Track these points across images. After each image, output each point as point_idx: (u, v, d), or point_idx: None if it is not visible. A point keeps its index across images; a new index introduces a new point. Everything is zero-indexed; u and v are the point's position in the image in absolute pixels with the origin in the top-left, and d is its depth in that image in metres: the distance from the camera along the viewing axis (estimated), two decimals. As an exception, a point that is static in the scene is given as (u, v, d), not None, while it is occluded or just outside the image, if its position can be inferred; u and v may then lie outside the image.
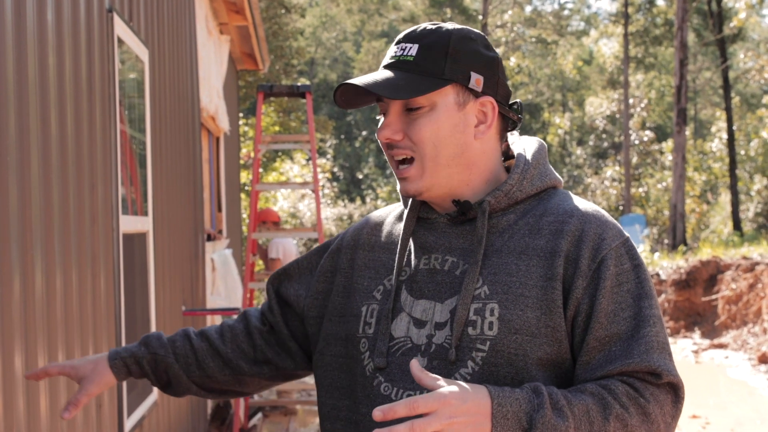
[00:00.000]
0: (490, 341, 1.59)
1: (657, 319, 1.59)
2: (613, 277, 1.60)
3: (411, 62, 1.67)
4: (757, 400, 9.32)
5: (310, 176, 23.26)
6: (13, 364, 2.48)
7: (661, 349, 1.57)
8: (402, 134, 1.68)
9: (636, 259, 1.64)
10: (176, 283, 5.65)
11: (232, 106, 10.96)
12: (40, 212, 2.76)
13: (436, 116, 1.66)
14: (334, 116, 41.48)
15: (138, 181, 4.33)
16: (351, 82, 1.67)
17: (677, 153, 22.37)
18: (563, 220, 1.65)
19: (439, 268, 1.69)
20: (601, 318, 1.58)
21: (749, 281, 12.78)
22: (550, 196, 1.73)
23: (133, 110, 4.31)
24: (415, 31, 1.71)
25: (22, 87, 2.62)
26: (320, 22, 46.61)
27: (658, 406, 1.55)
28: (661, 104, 41.12)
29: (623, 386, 1.54)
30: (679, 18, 22.55)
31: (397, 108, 1.68)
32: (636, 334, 1.57)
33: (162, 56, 5.34)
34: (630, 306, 1.59)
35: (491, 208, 1.68)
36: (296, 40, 24.24)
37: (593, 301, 1.58)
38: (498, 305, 1.60)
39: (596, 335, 1.58)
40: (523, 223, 1.68)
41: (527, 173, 1.71)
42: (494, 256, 1.65)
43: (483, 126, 1.72)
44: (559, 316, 1.59)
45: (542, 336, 1.58)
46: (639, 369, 1.55)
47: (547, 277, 1.60)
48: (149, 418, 4.54)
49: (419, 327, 1.66)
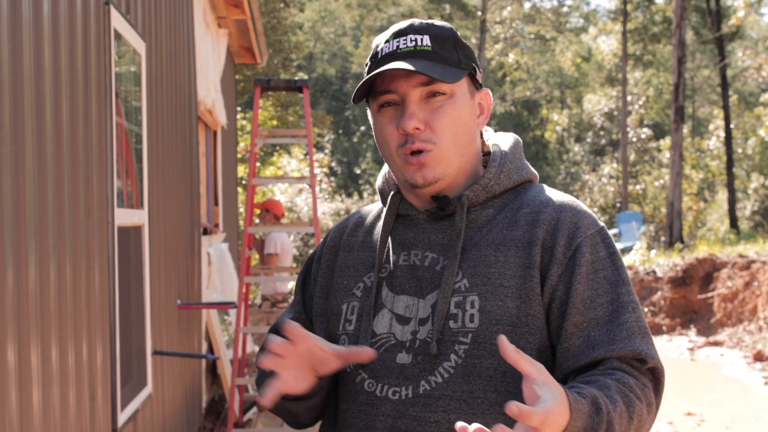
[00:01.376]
0: (471, 333, 1.58)
1: (635, 305, 1.60)
2: (589, 264, 1.61)
3: (431, 51, 1.65)
4: (751, 397, 9.33)
5: (307, 171, 23.25)
6: (5, 357, 2.47)
7: (642, 334, 1.58)
8: (424, 124, 1.64)
9: (611, 247, 1.65)
10: (171, 276, 5.64)
11: (230, 100, 10.95)
12: (35, 204, 2.75)
13: (457, 104, 1.66)
14: (332, 111, 41.46)
15: (134, 174, 4.32)
16: (397, 67, 1.61)
17: (675, 150, 22.36)
18: (539, 210, 1.66)
19: (419, 264, 1.68)
20: (578, 304, 1.58)
21: (745, 279, 12.78)
22: (526, 190, 1.73)
23: (130, 103, 4.29)
24: (414, 25, 1.70)
25: (18, 78, 2.61)
26: (319, 17, 46.56)
27: (652, 394, 1.57)
28: (659, 102, 41.12)
29: (633, 380, 1.54)
30: (677, 16, 22.53)
31: (417, 97, 1.65)
32: (616, 320, 1.57)
33: (159, 49, 5.32)
34: (607, 292, 1.60)
35: (470, 203, 1.68)
36: (295, 35, 24.21)
37: (569, 288, 1.59)
38: (478, 297, 1.60)
39: (573, 321, 1.58)
40: (501, 217, 1.68)
41: (504, 167, 1.72)
42: (473, 249, 1.65)
43: (482, 117, 1.74)
44: (538, 303, 1.59)
45: (523, 325, 1.58)
46: (623, 355, 1.55)
47: (525, 266, 1.61)
48: (143, 411, 4.53)
49: (403, 323, 1.65)
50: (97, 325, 3.53)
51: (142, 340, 4.50)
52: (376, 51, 1.72)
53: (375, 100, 1.69)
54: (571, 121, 43.99)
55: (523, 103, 44.40)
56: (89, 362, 3.39)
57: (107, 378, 3.68)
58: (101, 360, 3.57)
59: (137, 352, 4.40)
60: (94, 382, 3.46)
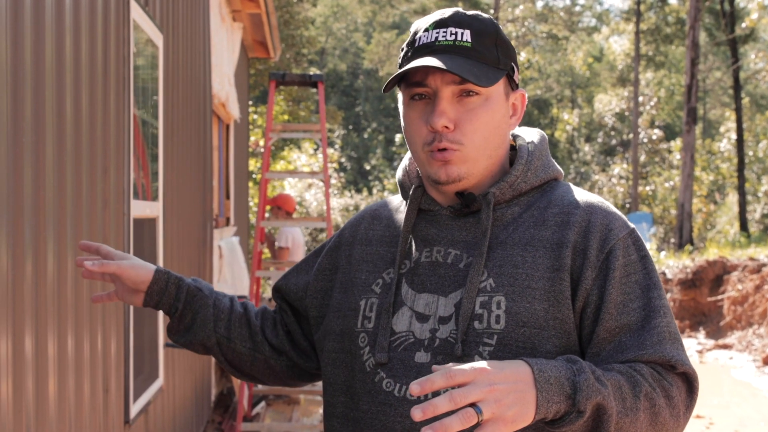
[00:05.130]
0: (497, 335, 1.54)
1: (666, 309, 1.57)
2: (622, 267, 1.57)
3: (470, 48, 1.60)
4: (760, 401, 9.30)
5: (317, 166, 23.25)
6: (23, 346, 2.47)
7: (673, 339, 1.55)
8: (453, 124, 1.60)
9: (642, 250, 1.62)
10: (184, 269, 5.64)
11: (243, 94, 10.95)
12: (54, 195, 2.76)
13: (490, 106, 1.61)
14: (342, 107, 41.47)
15: (148, 167, 4.33)
16: (430, 64, 1.57)
17: (686, 152, 22.30)
18: (569, 211, 1.62)
19: (441, 260, 1.64)
20: (611, 309, 1.54)
21: (755, 282, 12.74)
22: (552, 188, 1.69)
23: (146, 95, 4.30)
24: (458, 16, 1.63)
25: (39, 69, 2.62)
26: (331, 12, 46.56)
27: (678, 391, 1.53)
28: (671, 103, 41.02)
29: (648, 368, 1.51)
30: (691, 17, 22.47)
31: (450, 94, 1.60)
32: (647, 325, 1.54)
33: (176, 41, 5.32)
34: (639, 297, 1.56)
35: (496, 200, 1.64)
36: (307, 30, 24.19)
37: (602, 292, 1.55)
38: (505, 298, 1.55)
39: (606, 326, 1.54)
40: (527, 215, 1.64)
41: (531, 164, 1.68)
42: (499, 248, 1.60)
43: (514, 118, 1.70)
44: (567, 307, 1.55)
45: (550, 328, 1.54)
46: (653, 360, 1.52)
47: (555, 269, 1.56)
48: (155, 403, 4.54)
49: (422, 321, 1.61)
50: (112, 317, 3.53)
51: (154, 333, 4.51)
52: (414, 38, 1.66)
53: (407, 89, 1.64)
54: (582, 121, 43.89)
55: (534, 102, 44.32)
56: (104, 353, 3.39)
57: (120, 369, 3.68)
58: (115, 351, 3.57)
59: (149, 345, 4.41)
60: (108, 373, 3.47)
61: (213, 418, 7.25)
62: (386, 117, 43.85)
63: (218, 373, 7.91)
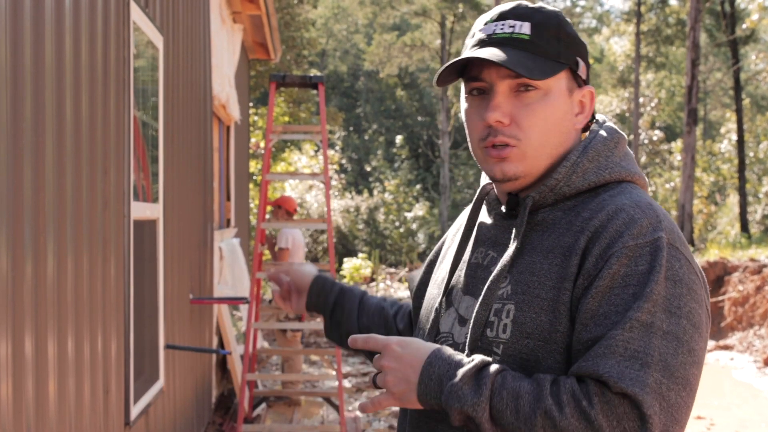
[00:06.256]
0: (503, 344, 1.49)
1: (640, 324, 1.37)
2: (618, 277, 1.41)
3: (527, 41, 1.53)
4: (761, 402, 9.30)
5: (318, 167, 23.24)
6: (23, 347, 2.47)
7: (627, 356, 1.35)
8: (509, 118, 1.53)
9: (658, 261, 1.41)
10: (184, 270, 5.64)
11: (243, 96, 10.95)
12: (54, 196, 2.75)
13: (550, 101, 1.54)
14: (343, 108, 41.44)
15: (148, 168, 4.33)
16: (476, 56, 1.52)
17: (687, 153, 22.29)
18: (593, 216, 1.49)
19: (480, 262, 1.62)
20: (587, 319, 1.41)
21: (756, 283, 12.74)
22: (606, 191, 1.55)
23: (146, 96, 4.30)
24: (519, 8, 1.57)
25: (39, 71, 2.61)
26: (332, 14, 46.55)
27: (605, 418, 1.33)
28: (671, 104, 40.99)
29: (575, 384, 1.37)
30: (691, 18, 22.46)
31: (506, 89, 1.54)
32: (605, 336, 1.38)
33: (176, 43, 5.32)
34: (627, 309, 1.39)
35: (536, 204, 1.56)
36: (308, 31, 24.19)
37: (582, 301, 1.43)
38: (514, 307, 1.49)
39: (579, 338, 1.42)
40: (565, 220, 1.53)
41: (579, 167, 1.55)
42: (527, 254, 1.53)
43: (581, 116, 1.61)
44: (567, 319, 1.45)
45: (553, 342, 1.45)
46: (584, 373, 1.37)
47: (562, 278, 1.47)
48: (155, 405, 4.53)
49: (462, 324, 1.59)
50: (112, 318, 3.53)
51: (154, 334, 4.51)
52: (474, 32, 1.61)
53: (467, 84, 1.60)
54: (583, 122, 43.80)
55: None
56: (104, 355, 3.39)
57: (121, 371, 3.68)
58: (115, 353, 3.57)
59: (150, 346, 4.40)
60: (108, 374, 3.46)
61: (214, 419, 7.25)
62: (387, 118, 43.83)
63: (219, 374, 7.91)
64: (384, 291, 19.77)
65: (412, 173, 37.75)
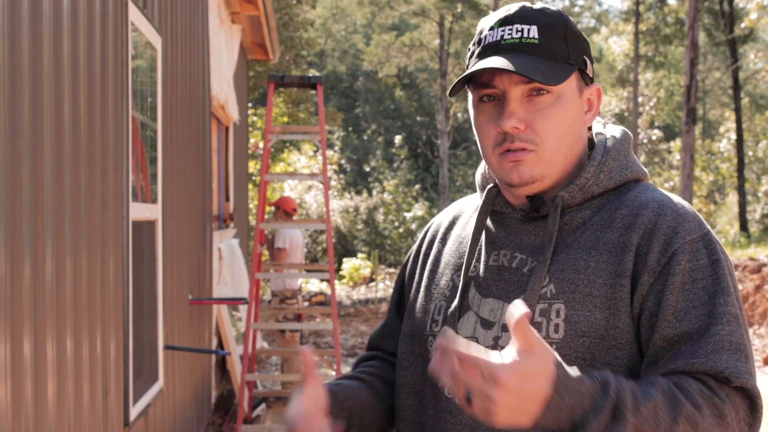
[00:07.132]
0: (555, 344, 1.46)
1: (732, 317, 1.43)
2: (686, 272, 1.45)
3: (537, 45, 1.53)
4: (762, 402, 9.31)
5: (317, 167, 23.24)
6: (22, 349, 2.47)
7: (734, 350, 1.41)
8: (524, 124, 1.53)
9: (715, 254, 1.48)
10: (184, 271, 5.64)
11: (242, 96, 10.95)
12: (52, 197, 2.75)
13: (563, 104, 1.54)
14: (342, 108, 41.43)
15: (147, 169, 4.32)
16: (494, 66, 1.50)
17: (686, 152, 22.29)
18: (637, 212, 1.52)
19: (507, 265, 1.59)
20: (668, 316, 1.43)
21: (756, 282, 12.74)
22: (630, 189, 1.59)
23: (145, 97, 4.30)
24: (524, 10, 1.57)
25: (37, 72, 2.61)
26: (330, 14, 46.53)
27: (733, 409, 1.38)
28: (670, 103, 41.00)
29: (696, 384, 1.38)
30: (690, 17, 22.46)
31: (519, 94, 1.53)
32: (705, 333, 1.41)
33: (175, 44, 5.32)
34: (704, 304, 1.44)
35: (565, 204, 1.57)
36: (306, 31, 24.20)
37: (660, 299, 1.44)
38: (564, 305, 1.48)
39: (662, 334, 1.43)
40: (597, 218, 1.55)
41: (605, 166, 1.59)
42: (563, 252, 1.53)
43: (590, 114, 1.62)
44: (627, 315, 1.46)
45: (611, 339, 1.46)
46: (703, 371, 1.39)
47: (616, 274, 1.47)
48: (154, 405, 4.53)
49: (486, 328, 1.56)
50: (111, 319, 3.53)
51: (154, 335, 4.50)
52: (480, 37, 1.60)
53: (475, 91, 1.58)
54: (582, 122, 43.84)
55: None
56: (103, 356, 3.39)
57: (120, 372, 3.68)
58: (114, 354, 3.57)
59: (149, 347, 4.40)
60: (108, 375, 3.46)
61: (213, 420, 7.24)
62: (386, 119, 43.82)
63: (218, 375, 7.91)
64: (384, 291, 19.77)
65: (411, 173, 37.74)
